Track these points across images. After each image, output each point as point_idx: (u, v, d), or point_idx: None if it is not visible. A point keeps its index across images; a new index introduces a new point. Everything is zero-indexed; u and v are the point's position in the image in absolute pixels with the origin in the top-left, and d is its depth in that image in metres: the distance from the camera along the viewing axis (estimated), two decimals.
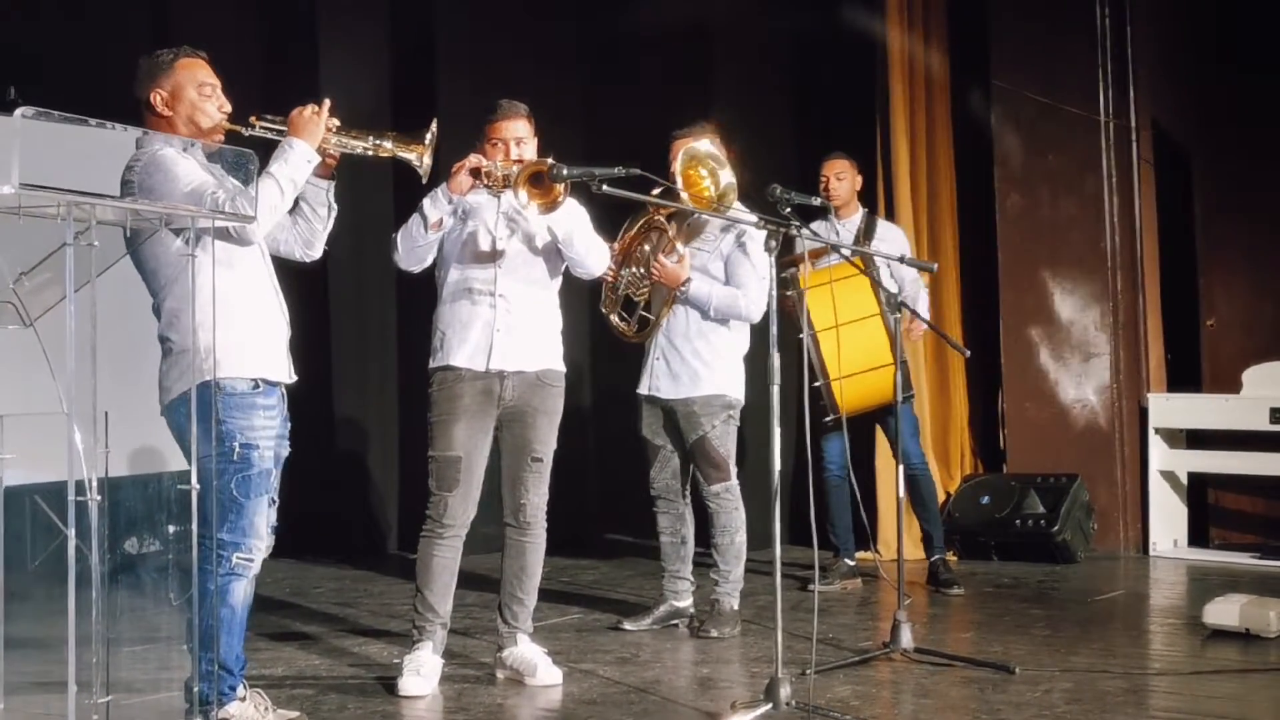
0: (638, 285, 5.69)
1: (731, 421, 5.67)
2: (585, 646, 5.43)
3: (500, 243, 4.81)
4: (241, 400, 3.97)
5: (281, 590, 6.80)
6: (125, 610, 4.42)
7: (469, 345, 4.78)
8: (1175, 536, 7.82)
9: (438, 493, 4.80)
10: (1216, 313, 8.01)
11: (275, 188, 3.98)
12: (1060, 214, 8.04)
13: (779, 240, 4.39)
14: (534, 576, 4.95)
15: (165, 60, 4.03)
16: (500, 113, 4.82)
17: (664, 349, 5.69)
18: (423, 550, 4.82)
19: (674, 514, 5.82)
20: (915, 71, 8.04)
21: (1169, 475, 7.81)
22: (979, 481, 7.99)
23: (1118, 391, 7.85)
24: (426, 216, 4.65)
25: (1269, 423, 7.32)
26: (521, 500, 4.89)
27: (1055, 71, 8.01)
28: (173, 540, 3.53)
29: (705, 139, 5.35)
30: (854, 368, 6.10)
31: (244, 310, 3.99)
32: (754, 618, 5.87)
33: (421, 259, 4.80)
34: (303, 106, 4.13)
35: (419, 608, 4.82)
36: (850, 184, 6.89)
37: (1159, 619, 6.23)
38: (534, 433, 4.87)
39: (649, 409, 5.78)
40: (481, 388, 4.79)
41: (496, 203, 4.82)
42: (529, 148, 4.80)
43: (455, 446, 4.77)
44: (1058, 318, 8.02)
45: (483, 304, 4.79)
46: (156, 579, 3.68)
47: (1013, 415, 8.16)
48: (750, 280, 5.57)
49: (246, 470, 3.96)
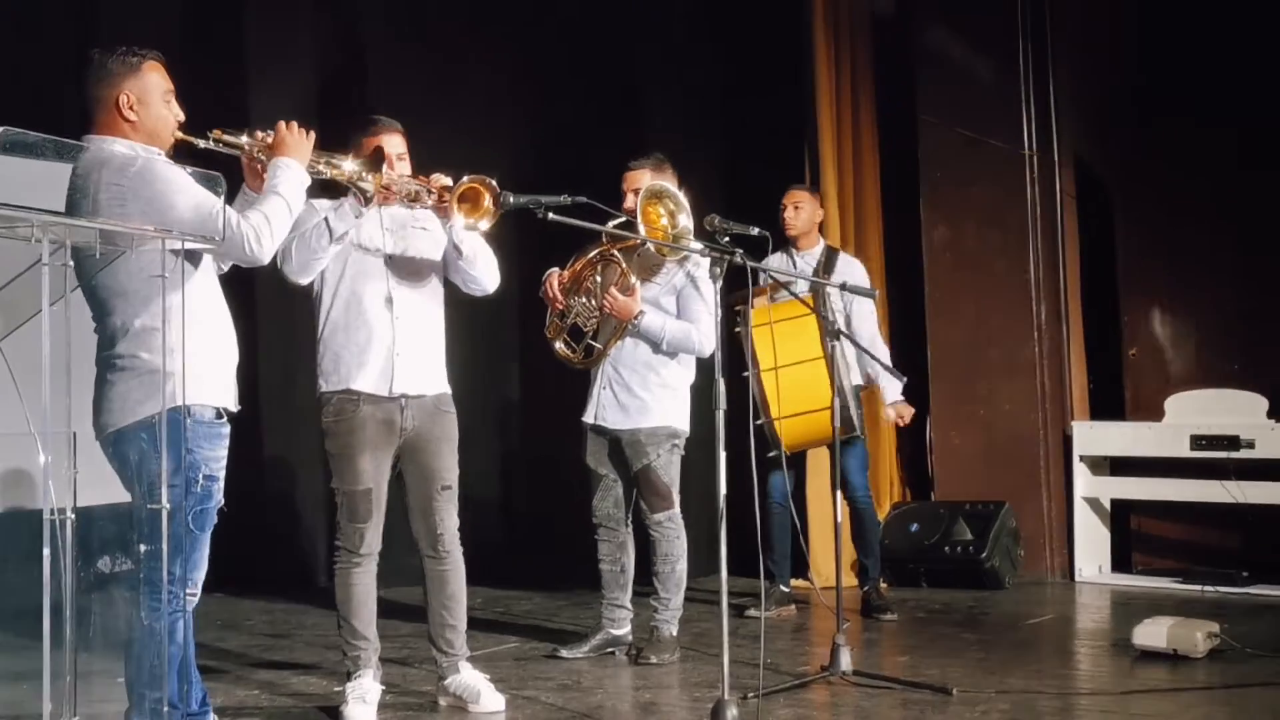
0: (587, 315, 5.68)
1: (676, 451, 5.70)
2: (525, 674, 5.42)
3: (391, 256, 4.74)
4: (209, 429, 3.82)
5: (213, 624, 6.71)
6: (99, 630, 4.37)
7: (370, 369, 4.69)
8: (1100, 562, 7.96)
9: (352, 524, 4.73)
10: (1138, 342, 8.18)
11: (285, 208, 3.87)
12: (985, 245, 8.20)
13: (724, 268, 4.44)
14: (461, 602, 4.90)
15: (132, 61, 3.82)
16: (378, 128, 4.77)
17: (611, 379, 5.70)
18: (342, 580, 4.76)
19: (615, 542, 5.82)
20: (843, 106, 8.17)
21: (1093, 502, 7.95)
22: (907, 509, 8.10)
23: (1043, 419, 7.99)
24: (334, 229, 4.52)
25: (1190, 450, 7.47)
26: (438, 530, 4.82)
27: (980, 106, 8.18)
28: (144, 559, 3.46)
29: (665, 176, 5.39)
30: (794, 408, 6.15)
31: (214, 336, 3.87)
32: (692, 644, 5.90)
33: (315, 271, 4.67)
34: (289, 123, 4.02)
35: (349, 638, 4.75)
36: (809, 215, 6.92)
37: (1088, 642, 6.33)
38: (440, 461, 4.82)
39: (595, 438, 5.78)
40: (383, 416, 4.71)
41: (380, 216, 4.75)
42: (406, 164, 4.75)
43: (364, 479, 4.72)
44: (984, 347, 8.16)
45: (380, 323, 4.70)
46: (129, 598, 3.60)
47: (940, 443, 8.28)
48: (703, 315, 5.57)
49: (205, 503, 3.82)
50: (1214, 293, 7.93)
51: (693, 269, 5.63)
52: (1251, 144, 7.64)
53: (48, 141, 3.00)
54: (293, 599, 7.50)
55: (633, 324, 5.58)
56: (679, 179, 5.64)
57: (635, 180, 5.62)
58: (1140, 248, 8.19)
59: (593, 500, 5.84)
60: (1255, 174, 7.63)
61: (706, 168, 8.09)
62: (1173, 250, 8.02)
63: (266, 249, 3.83)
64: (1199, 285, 7.98)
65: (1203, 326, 8.01)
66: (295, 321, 7.82)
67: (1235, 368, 7.77)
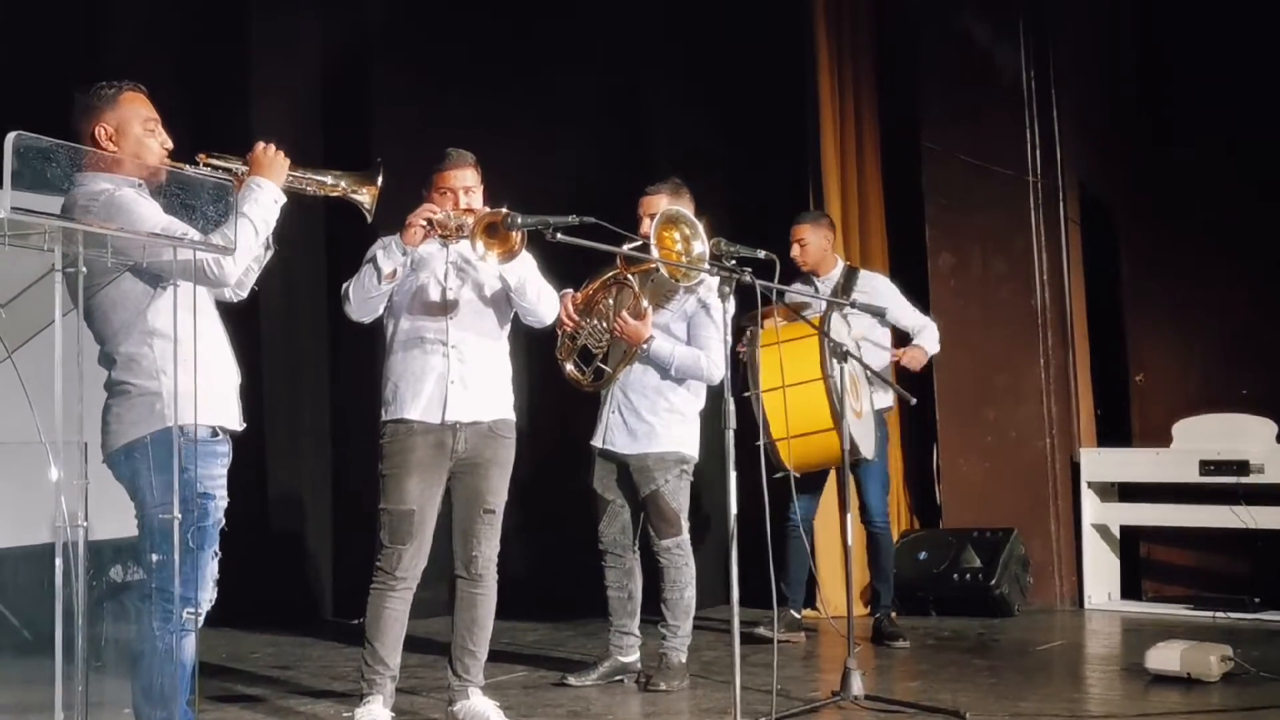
0: (598, 337, 5.67)
1: (685, 476, 5.67)
2: (534, 702, 5.39)
3: (451, 293, 4.81)
4: (203, 448, 3.83)
5: (218, 655, 6.66)
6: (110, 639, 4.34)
7: (423, 398, 4.75)
8: (1109, 589, 7.92)
9: (391, 545, 4.74)
10: (1145, 368, 8.17)
11: (250, 229, 3.87)
12: (990, 272, 8.19)
13: (733, 287, 4.43)
14: (486, 629, 4.91)
15: (108, 94, 3.86)
16: (449, 162, 4.82)
17: (620, 404, 5.68)
18: (374, 603, 4.77)
19: (622, 569, 5.79)
20: (846, 133, 8.17)
21: (1102, 528, 7.92)
22: (916, 537, 8.06)
23: (1051, 446, 7.96)
24: (380, 268, 4.62)
25: (1198, 475, 7.44)
26: (474, 552, 4.85)
27: (984, 133, 8.18)
28: (156, 569, 3.44)
29: (682, 201, 5.39)
30: (799, 429, 6.12)
31: (205, 356, 3.85)
32: (702, 672, 5.86)
33: (374, 310, 4.78)
34: (265, 144, 4.04)
35: (369, 660, 4.75)
36: (816, 246, 6.87)
37: (1100, 666, 6.28)
38: (486, 484, 4.84)
39: (602, 463, 5.76)
40: (434, 440, 4.76)
41: (446, 252, 4.82)
42: (476, 196, 4.81)
43: (409, 500, 4.73)
44: (990, 374, 8.14)
45: (435, 355, 4.77)
46: (141, 608, 3.59)
47: (948, 470, 8.25)
48: (713, 343, 5.57)
49: (203, 521, 3.83)
50: (1221, 317, 7.92)
51: (705, 295, 5.62)
52: (1256, 168, 7.66)
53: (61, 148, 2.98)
54: (299, 632, 7.46)
55: (642, 349, 5.57)
56: (695, 205, 5.63)
57: (652, 205, 5.62)
58: (1146, 273, 8.20)
59: (599, 526, 5.81)
60: (1261, 198, 7.65)
61: (711, 195, 8.07)
62: (1179, 275, 8.02)
63: (229, 270, 3.81)
64: (1206, 309, 7.98)
65: (1210, 351, 8.00)
66: (296, 353, 7.91)
67: (1243, 392, 7.77)
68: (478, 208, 4.70)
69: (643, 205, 5.68)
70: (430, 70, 7.99)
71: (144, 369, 3.77)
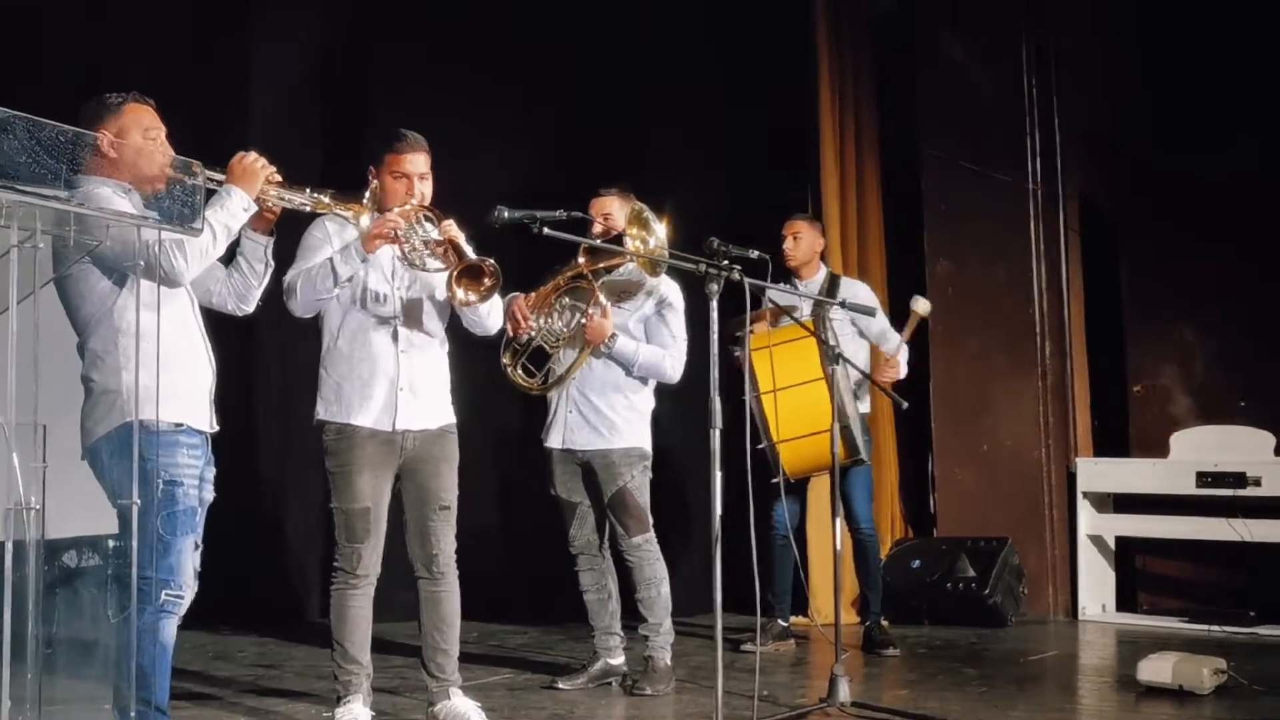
0: (554, 337, 5.62)
1: (647, 473, 5.65)
2: (518, 704, 5.33)
3: (399, 293, 4.73)
4: (164, 438, 3.87)
5: (205, 655, 6.61)
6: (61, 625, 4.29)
7: (372, 404, 4.68)
8: (1104, 601, 7.85)
9: (349, 544, 4.68)
10: (1143, 378, 8.10)
11: (208, 232, 3.89)
12: (989, 280, 8.13)
13: (721, 285, 4.38)
14: (454, 626, 4.84)
15: (113, 103, 3.95)
16: (404, 144, 4.70)
17: (577, 402, 5.63)
18: (338, 603, 4.71)
19: (597, 570, 5.74)
20: (845, 137, 8.13)
21: (1097, 539, 7.85)
22: (909, 545, 8.00)
23: (1046, 455, 7.90)
24: (338, 273, 4.55)
25: (1195, 487, 7.38)
26: (434, 551, 4.76)
27: (984, 141, 8.13)
28: (112, 555, 3.41)
29: (630, 205, 5.36)
30: (793, 432, 6.07)
31: (169, 354, 3.87)
32: (688, 677, 5.80)
33: (319, 308, 4.70)
34: (243, 154, 4.07)
35: (341, 662, 4.69)
36: (809, 244, 6.87)
37: (1092, 678, 6.22)
38: (438, 481, 4.77)
39: (563, 464, 5.70)
40: (383, 439, 4.69)
41: (391, 253, 4.71)
42: (429, 184, 4.71)
43: (363, 498, 4.66)
44: (986, 382, 8.08)
45: (385, 358, 4.69)
46: (95, 595, 3.56)
47: (942, 479, 8.19)
48: (675, 342, 5.62)
49: (172, 507, 3.87)
50: (1220, 328, 7.85)
51: (666, 293, 5.63)
52: (1257, 177, 7.59)
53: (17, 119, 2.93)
54: (285, 633, 7.39)
55: (605, 346, 5.54)
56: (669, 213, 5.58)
57: (604, 206, 5.65)
58: (1145, 282, 8.13)
59: (569, 530, 5.75)
60: (1262, 208, 7.57)
61: (708, 200, 8.04)
62: (1178, 285, 7.95)
63: (179, 269, 3.84)
64: (1205, 320, 7.91)
65: (1208, 362, 7.92)
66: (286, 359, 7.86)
67: (1241, 404, 7.69)
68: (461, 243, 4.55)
69: (594, 206, 5.66)
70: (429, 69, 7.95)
71: (108, 365, 3.85)
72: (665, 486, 6.18)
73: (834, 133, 8.05)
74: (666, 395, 5.90)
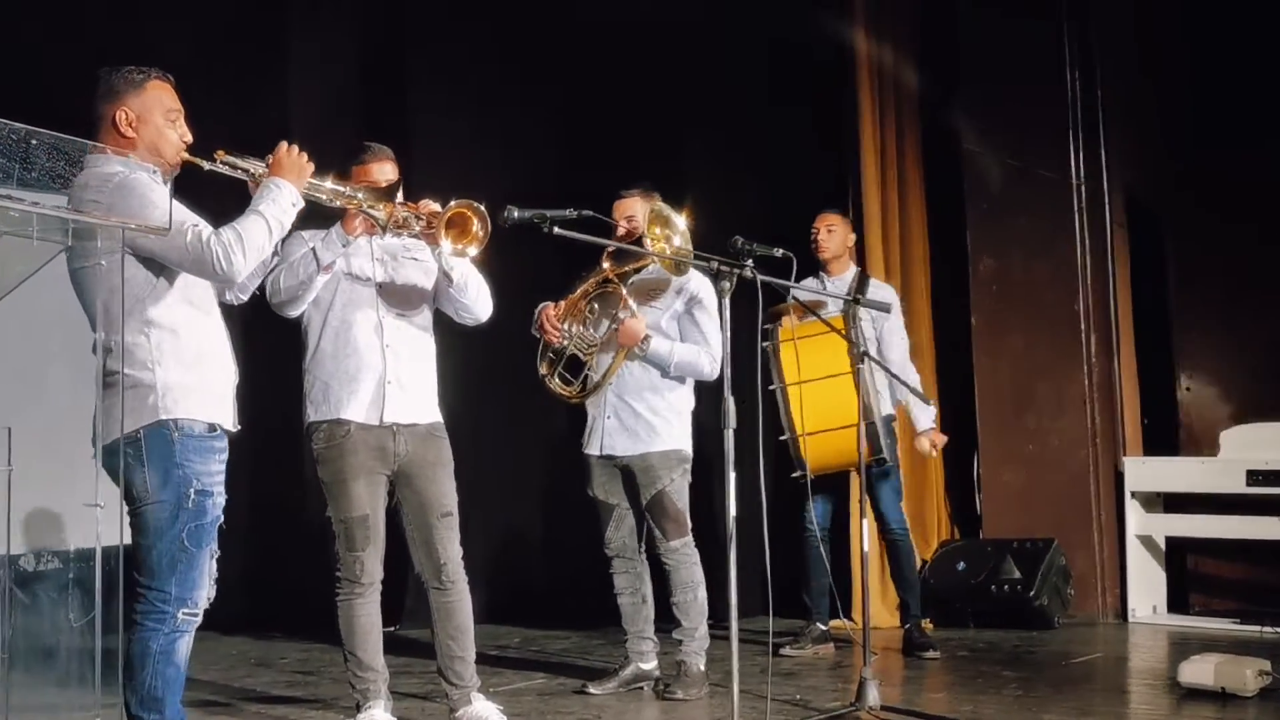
0: (587, 344, 5.59)
1: (686, 476, 5.60)
2: (547, 709, 5.30)
3: (383, 288, 4.71)
4: (200, 443, 3.77)
5: (245, 661, 6.63)
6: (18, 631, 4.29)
7: (359, 398, 4.65)
8: (1154, 602, 7.70)
9: (351, 553, 4.67)
10: (1192, 375, 7.97)
11: (264, 227, 3.80)
12: (1033, 277, 8.01)
13: (733, 282, 4.34)
14: (468, 632, 4.81)
15: (136, 79, 3.82)
16: (369, 155, 4.74)
17: (615, 407, 5.59)
18: (346, 613, 4.70)
19: (632, 573, 5.71)
20: (886, 134, 8.05)
21: (1146, 539, 7.70)
22: (954, 547, 7.89)
23: (1094, 455, 7.77)
24: (320, 259, 4.50)
25: (1246, 485, 7.22)
26: (441, 560, 4.73)
27: (1026, 135, 8.03)
28: (73, 559, 3.38)
29: (654, 205, 5.31)
30: (816, 426, 6.01)
31: (202, 351, 3.82)
32: (722, 681, 5.72)
33: (303, 302, 4.65)
34: (287, 145, 3.97)
35: (357, 670, 4.70)
36: (841, 238, 6.80)
37: (1133, 680, 6.11)
38: (437, 487, 4.74)
39: (602, 468, 5.67)
40: (374, 443, 4.66)
41: (371, 247, 4.71)
42: (398, 188, 4.64)
43: (360, 506, 4.65)
44: (1032, 381, 7.96)
45: (371, 353, 4.66)
46: (55, 599, 3.52)
47: (988, 480, 8.08)
48: (711, 337, 5.53)
49: (200, 519, 3.75)
50: (1269, 323, 7.70)
51: (696, 290, 5.55)
52: None
53: None
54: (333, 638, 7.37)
55: (640, 348, 5.49)
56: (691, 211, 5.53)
57: (627, 208, 5.59)
58: (1193, 277, 8.00)
59: (605, 532, 5.72)
60: None
61: (746, 197, 7.99)
62: (1226, 280, 7.81)
63: (237, 266, 3.73)
64: (1254, 315, 7.76)
65: (1258, 358, 7.77)
66: None
67: None
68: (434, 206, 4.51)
69: (617, 209, 5.60)
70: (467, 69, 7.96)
71: (137, 359, 3.71)
72: (703, 488, 6.13)
73: (874, 129, 7.97)
74: (705, 394, 5.81)
